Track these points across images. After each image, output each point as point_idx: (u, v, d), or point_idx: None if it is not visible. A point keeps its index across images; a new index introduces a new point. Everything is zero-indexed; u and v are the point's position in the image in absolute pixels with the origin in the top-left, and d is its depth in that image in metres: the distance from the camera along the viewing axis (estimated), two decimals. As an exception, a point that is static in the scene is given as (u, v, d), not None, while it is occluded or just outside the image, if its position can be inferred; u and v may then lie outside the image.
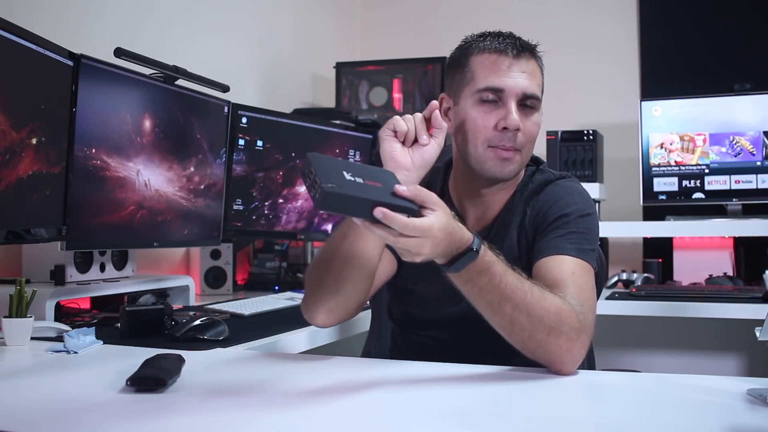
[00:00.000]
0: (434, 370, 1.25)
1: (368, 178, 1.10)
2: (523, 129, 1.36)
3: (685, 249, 2.87)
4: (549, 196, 1.42)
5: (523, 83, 1.36)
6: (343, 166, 1.09)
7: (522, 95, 1.36)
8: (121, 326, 1.58)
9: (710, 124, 2.81)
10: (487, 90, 1.36)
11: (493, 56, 1.37)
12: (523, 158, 1.39)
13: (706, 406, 1.01)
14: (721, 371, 2.95)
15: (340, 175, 1.06)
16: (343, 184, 1.05)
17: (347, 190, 1.05)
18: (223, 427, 0.94)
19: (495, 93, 1.36)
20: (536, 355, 1.21)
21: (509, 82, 1.35)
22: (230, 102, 2.25)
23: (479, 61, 1.38)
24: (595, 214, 1.43)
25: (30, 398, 1.07)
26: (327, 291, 1.32)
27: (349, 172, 1.08)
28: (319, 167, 1.06)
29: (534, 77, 1.39)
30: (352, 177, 1.07)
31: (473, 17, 3.42)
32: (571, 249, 1.32)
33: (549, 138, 2.91)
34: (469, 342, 1.39)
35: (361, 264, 1.31)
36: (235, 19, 2.85)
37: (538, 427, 0.94)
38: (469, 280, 1.16)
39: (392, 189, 1.09)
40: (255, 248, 2.79)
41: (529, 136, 1.38)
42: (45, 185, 1.58)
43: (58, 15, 2.04)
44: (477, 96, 1.37)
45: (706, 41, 3.10)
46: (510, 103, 1.35)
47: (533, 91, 1.37)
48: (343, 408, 1.04)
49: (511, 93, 1.35)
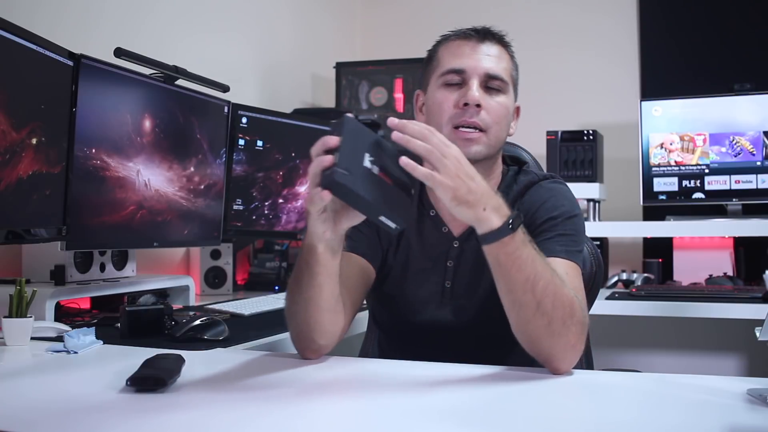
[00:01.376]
0: (434, 370, 1.25)
1: (387, 169, 1.08)
2: (486, 107, 1.36)
3: (685, 249, 2.87)
4: (535, 198, 1.41)
5: (486, 64, 1.38)
6: (368, 144, 1.07)
7: (485, 75, 1.37)
8: (121, 326, 1.58)
9: (710, 124, 2.81)
10: (450, 72, 1.38)
11: (458, 41, 1.41)
12: (490, 140, 1.38)
13: (706, 406, 1.01)
14: (721, 371, 2.95)
15: (358, 160, 1.05)
16: (356, 174, 1.03)
17: (357, 185, 1.04)
18: (223, 426, 0.94)
19: (458, 74, 1.38)
20: (542, 348, 1.20)
21: (470, 62, 1.37)
22: (230, 102, 2.25)
23: (445, 48, 1.42)
24: (581, 215, 1.43)
25: (30, 398, 1.07)
26: (306, 337, 1.28)
27: (372, 156, 1.07)
28: (346, 142, 1.04)
29: (500, 60, 1.40)
30: (369, 164, 1.06)
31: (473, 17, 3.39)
32: (561, 251, 1.33)
33: (549, 138, 2.91)
34: (458, 347, 1.39)
35: (328, 308, 1.25)
36: (235, 19, 2.85)
37: (538, 427, 0.94)
38: (515, 251, 1.15)
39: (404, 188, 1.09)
40: (255, 248, 2.79)
41: (495, 116, 1.37)
42: (45, 185, 1.58)
43: (58, 15, 2.04)
44: (441, 80, 1.40)
45: (706, 41, 3.10)
46: (472, 81, 1.37)
47: (497, 72, 1.38)
48: (342, 408, 1.04)
49: (473, 73, 1.37)
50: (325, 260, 1.19)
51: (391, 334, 1.54)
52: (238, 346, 1.48)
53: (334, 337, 1.30)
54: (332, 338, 1.30)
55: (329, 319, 1.26)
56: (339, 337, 1.32)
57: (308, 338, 1.28)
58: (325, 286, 1.22)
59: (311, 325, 1.26)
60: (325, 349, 1.30)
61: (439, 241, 1.44)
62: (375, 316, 1.58)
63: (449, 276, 1.43)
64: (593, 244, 1.67)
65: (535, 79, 3.38)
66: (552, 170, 2.88)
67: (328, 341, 1.29)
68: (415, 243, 1.44)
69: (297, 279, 1.24)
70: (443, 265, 1.43)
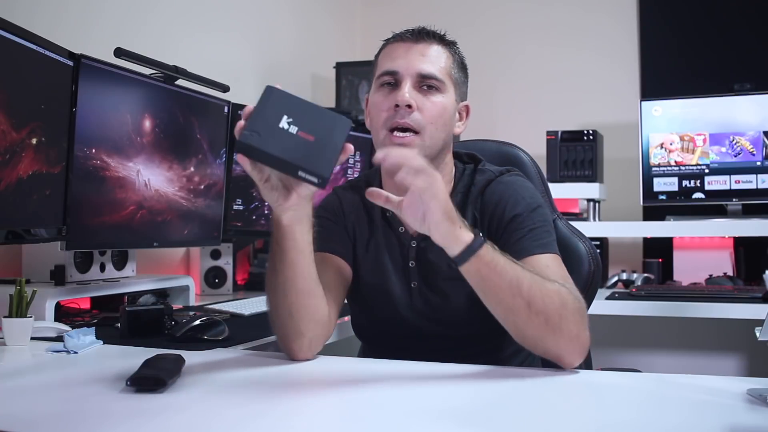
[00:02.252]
0: (434, 370, 1.25)
1: (308, 128, 1.11)
2: (420, 107, 1.36)
3: (685, 249, 2.87)
4: (495, 197, 1.41)
5: (418, 64, 1.38)
6: (290, 108, 1.11)
7: (417, 75, 1.37)
8: (121, 326, 1.58)
9: (710, 124, 2.81)
10: (384, 74, 1.39)
11: (395, 44, 1.42)
12: (425, 141, 1.36)
13: (706, 406, 1.01)
14: (721, 371, 2.95)
15: (273, 122, 1.09)
16: (267, 134, 1.08)
17: (265, 144, 1.08)
18: (223, 427, 0.94)
19: (391, 75, 1.38)
20: (548, 346, 1.20)
21: (402, 63, 1.38)
22: (230, 102, 2.25)
23: (383, 51, 1.43)
24: (543, 203, 1.44)
25: (30, 398, 1.07)
26: (292, 330, 1.27)
27: (291, 117, 1.10)
28: (262, 107, 1.10)
29: (436, 60, 1.39)
30: (287, 125, 1.10)
31: (473, 17, 3.42)
32: (536, 247, 1.33)
33: (549, 138, 2.91)
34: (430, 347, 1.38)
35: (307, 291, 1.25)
36: (235, 19, 2.85)
37: (538, 427, 0.94)
38: (492, 259, 1.16)
39: (327, 143, 1.11)
40: (255, 248, 2.79)
41: (429, 116, 1.36)
42: (45, 185, 1.58)
43: (58, 15, 2.04)
44: (377, 82, 1.40)
45: (706, 41, 3.10)
46: (404, 82, 1.36)
47: (430, 71, 1.37)
48: (342, 408, 1.04)
49: (405, 73, 1.37)
50: (292, 233, 1.20)
51: (372, 341, 1.54)
52: (238, 346, 1.48)
53: (319, 328, 1.28)
54: (318, 331, 1.28)
55: (311, 304, 1.26)
56: (324, 333, 1.30)
57: (295, 333, 1.26)
58: (299, 264, 1.22)
59: (293, 313, 1.24)
60: (313, 345, 1.29)
61: (398, 241, 1.45)
62: (355, 325, 1.57)
63: (414, 276, 1.43)
64: (591, 243, 1.67)
65: (535, 79, 3.40)
66: (552, 170, 2.88)
67: (314, 335, 1.27)
68: (382, 244, 1.45)
69: (272, 263, 1.25)
70: (406, 266, 1.43)
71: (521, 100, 3.37)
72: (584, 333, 1.22)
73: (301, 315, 1.25)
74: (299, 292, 1.24)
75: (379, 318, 1.46)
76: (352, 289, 1.46)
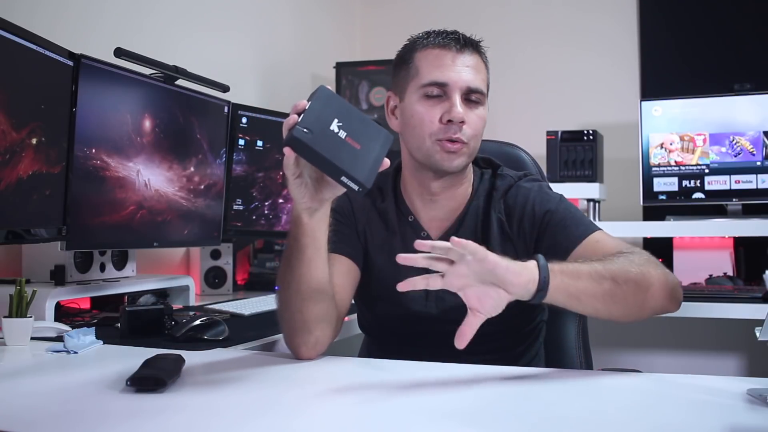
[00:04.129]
0: (434, 370, 1.25)
1: (356, 135, 1.12)
2: (468, 122, 1.37)
3: (685, 249, 2.87)
4: (520, 199, 1.43)
5: (467, 77, 1.38)
6: (340, 112, 1.12)
7: (466, 89, 1.38)
8: (121, 326, 1.58)
9: (710, 124, 2.81)
10: (432, 84, 1.38)
11: (436, 51, 1.40)
12: (471, 151, 1.40)
13: (706, 406, 1.01)
14: (721, 371, 2.95)
15: (325, 123, 1.10)
16: (318, 134, 1.09)
17: (317, 144, 1.09)
18: (223, 427, 0.94)
19: (439, 87, 1.38)
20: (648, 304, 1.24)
21: (453, 75, 1.37)
22: (230, 102, 2.25)
23: (423, 56, 1.40)
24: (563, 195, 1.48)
25: (30, 398, 1.07)
26: (301, 329, 1.28)
27: (341, 121, 1.11)
28: (314, 105, 1.11)
29: (478, 71, 1.40)
30: (337, 129, 1.11)
31: (473, 17, 3.42)
32: (582, 231, 1.36)
33: (549, 138, 2.91)
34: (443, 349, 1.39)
35: (320, 289, 1.26)
36: (235, 19, 2.85)
37: (538, 427, 0.94)
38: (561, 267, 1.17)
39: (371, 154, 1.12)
40: (255, 248, 2.79)
41: (475, 129, 1.39)
42: (45, 185, 1.58)
43: (58, 15, 2.04)
44: (422, 91, 1.39)
45: (706, 41, 3.10)
46: (454, 96, 1.37)
47: (477, 85, 1.39)
48: (343, 408, 1.04)
49: (455, 86, 1.37)
50: (311, 231, 1.22)
51: (380, 339, 1.54)
52: (238, 346, 1.48)
53: (326, 328, 1.29)
54: (325, 332, 1.29)
55: (321, 302, 1.27)
56: (331, 333, 1.32)
57: (303, 329, 1.27)
58: (314, 262, 1.24)
59: (303, 310, 1.26)
60: (319, 344, 1.30)
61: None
62: (362, 322, 1.58)
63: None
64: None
65: (535, 79, 3.39)
66: (552, 170, 2.88)
67: (321, 334, 1.29)
68: (399, 246, 1.45)
69: (287, 260, 1.26)
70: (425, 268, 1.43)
71: (521, 100, 3.36)
72: (667, 272, 1.26)
73: (311, 313, 1.26)
74: (312, 290, 1.25)
75: (393, 316, 1.47)
76: (363, 288, 1.47)
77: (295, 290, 1.25)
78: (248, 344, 1.51)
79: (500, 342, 1.43)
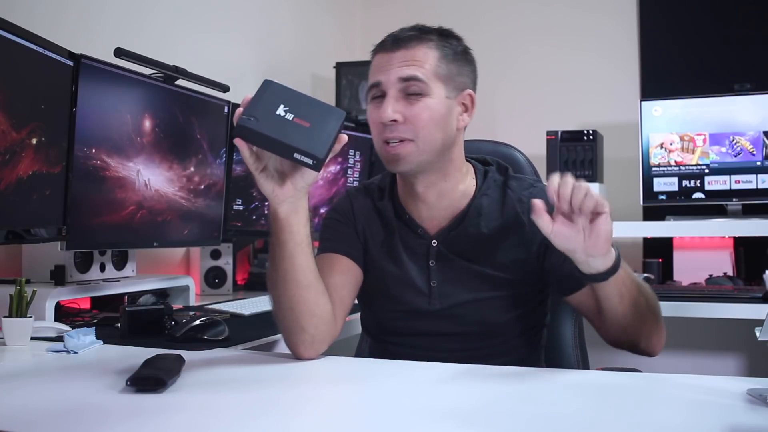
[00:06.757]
0: (434, 370, 1.25)
1: (304, 115, 1.14)
2: (408, 117, 1.35)
3: (685, 249, 2.87)
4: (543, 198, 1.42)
5: (397, 72, 1.36)
6: (287, 98, 1.14)
7: (398, 82, 1.36)
8: (121, 326, 1.58)
9: (710, 124, 2.81)
10: (371, 87, 1.40)
11: (377, 55, 1.42)
12: (420, 146, 1.36)
13: (706, 406, 1.01)
14: (721, 371, 2.95)
15: (270, 109, 1.13)
16: (264, 119, 1.12)
17: (262, 127, 1.12)
18: (223, 427, 0.94)
19: (377, 88, 1.39)
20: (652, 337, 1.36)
21: (383, 74, 1.38)
22: (230, 102, 2.25)
23: (372, 61, 1.43)
24: None
25: (30, 398, 1.07)
26: (295, 326, 1.27)
27: (288, 106, 1.14)
28: (260, 96, 1.14)
29: (415, 61, 1.37)
30: (283, 112, 1.13)
31: (473, 17, 3.42)
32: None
33: (549, 138, 2.91)
34: (445, 347, 1.39)
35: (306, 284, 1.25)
36: (235, 19, 2.85)
37: (538, 427, 0.94)
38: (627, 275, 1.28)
39: (323, 129, 1.14)
40: (255, 248, 2.79)
41: (420, 123, 1.35)
42: (45, 185, 1.58)
43: (58, 15, 2.04)
44: (369, 95, 1.41)
45: (706, 41, 3.10)
46: (388, 96, 1.36)
47: (409, 74, 1.36)
48: (342, 408, 1.04)
49: (387, 84, 1.37)
50: (289, 225, 1.22)
51: (382, 339, 1.54)
52: (238, 346, 1.48)
53: (322, 325, 1.28)
54: (321, 327, 1.28)
55: (312, 299, 1.26)
56: (329, 331, 1.31)
57: (296, 327, 1.27)
58: (297, 256, 1.23)
59: (293, 306, 1.25)
60: (317, 342, 1.29)
61: (417, 242, 1.45)
62: (364, 321, 1.58)
63: (434, 275, 1.43)
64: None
65: (535, 80, 3.40)
66: (552, 170, 2.88)
67: (317, 330, 1.27)
68: (400, 244, 1.45)
69: (271, 257, 1.26)
70: (426, 265, 1.43)
71: (521, 101, 3.36)
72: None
73: (301, 308, 1.26)
74: (298, 285, 1.25)
75: (395, 315, 1.46)
76: (364, 287, 1.47)
77: (282, 288, 1.25)
78: (248, 344, 1.51)
79: (504, 342, 1.43)
